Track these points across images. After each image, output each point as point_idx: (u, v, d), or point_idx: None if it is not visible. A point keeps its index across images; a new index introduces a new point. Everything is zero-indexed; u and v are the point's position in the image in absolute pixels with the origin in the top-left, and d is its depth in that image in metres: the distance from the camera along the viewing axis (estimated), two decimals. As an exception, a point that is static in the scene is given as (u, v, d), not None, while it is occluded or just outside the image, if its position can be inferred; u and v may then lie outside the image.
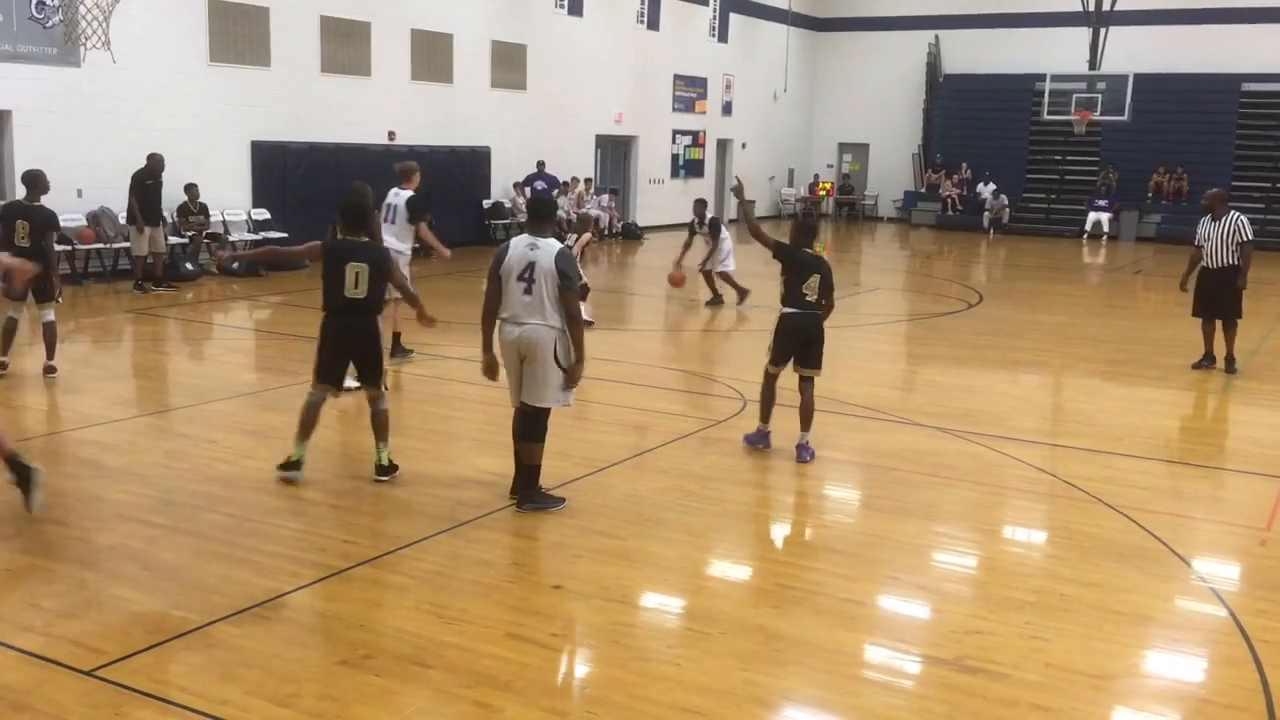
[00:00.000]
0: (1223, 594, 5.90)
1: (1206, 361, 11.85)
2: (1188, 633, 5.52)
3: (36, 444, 7.87)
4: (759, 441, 8.23)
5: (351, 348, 7.08)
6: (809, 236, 8.17)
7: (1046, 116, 28.97)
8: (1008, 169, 31.29)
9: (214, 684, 4.54)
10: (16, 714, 4.26)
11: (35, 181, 9.81)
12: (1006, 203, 30.54)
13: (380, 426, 7.17)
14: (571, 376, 6.50)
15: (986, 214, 30.44)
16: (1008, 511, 7.43)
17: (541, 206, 6.77)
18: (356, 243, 7.11)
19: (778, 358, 8.14)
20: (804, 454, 8.02)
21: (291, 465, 7.10)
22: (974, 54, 32.49)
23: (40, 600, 5.35)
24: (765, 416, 8.25)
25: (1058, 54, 29.79)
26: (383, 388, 7.18)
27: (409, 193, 10.32)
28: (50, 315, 9.71)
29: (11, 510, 6.62)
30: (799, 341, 8.05)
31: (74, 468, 7.37)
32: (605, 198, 25.89)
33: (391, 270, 7.18)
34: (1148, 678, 5.11)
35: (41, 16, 14.85)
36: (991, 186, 30.78)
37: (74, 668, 4.62)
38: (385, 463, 7.19)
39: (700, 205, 15.39)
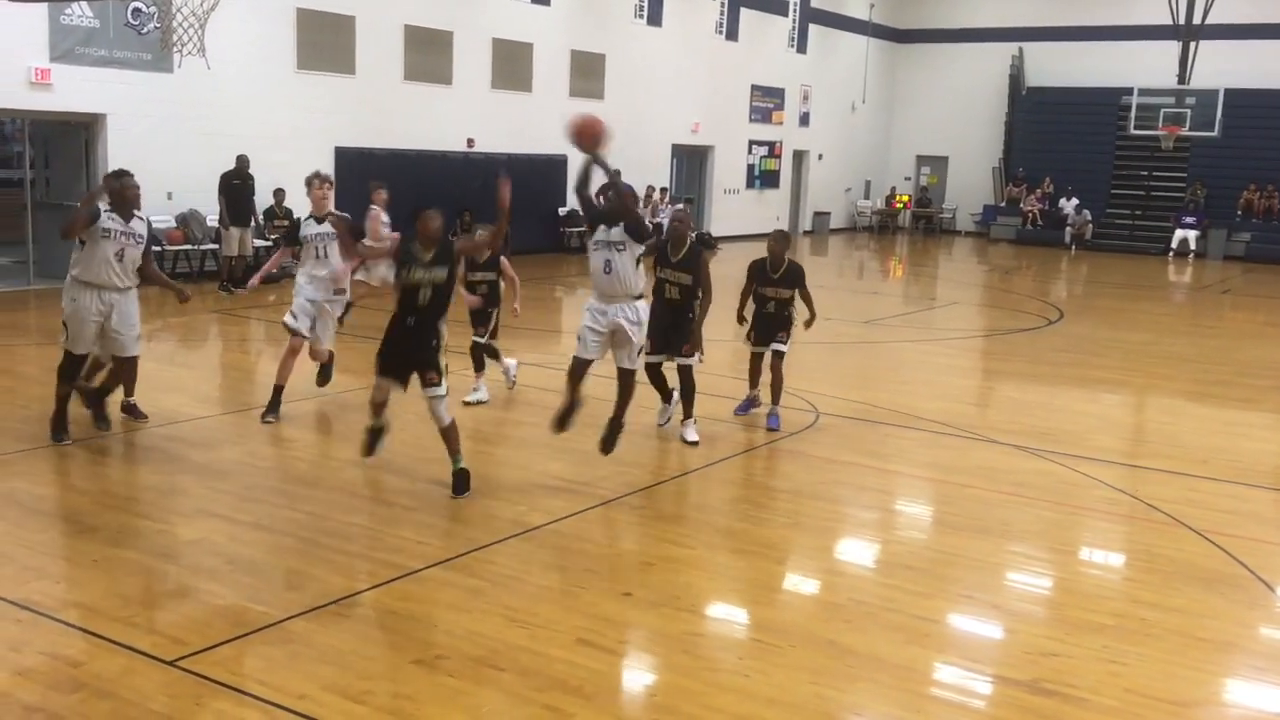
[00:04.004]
0: (1311, 624, 5.73)
1: (1300, 385, 11.50)
2: (1272, 661, 5.37)
3: (123, 438, 8.10)
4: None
5: None
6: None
7: (1133, 131, 28.39)
8: (1091, 184, 30.71)
9: (291, 678, 4.63)
10: (102, 701, 4.38)
11: None
12: (1090, 218, 29.97)
13: None
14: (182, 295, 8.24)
15: (1069, 229, 29.90)
16: (1086, 532, 7.29)
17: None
18: None
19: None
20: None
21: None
22: (1059, 66, 31.97)
23: (126, 591, 5.50)
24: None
25: (1146, 67, 29.22)
26: None
27: None
28: None
29: (98, 503, 6.83)
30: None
31: (159, 463, 7.56)
32: (680, 206, 25.92)
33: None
34: (1230, 706, 4.98)
35: (137, 23, 15.32)
36: (1074, 201, 30.23)
37: (157, 657, 4.74)
38: None
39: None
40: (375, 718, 4.34)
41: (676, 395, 8.79)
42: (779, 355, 9.04)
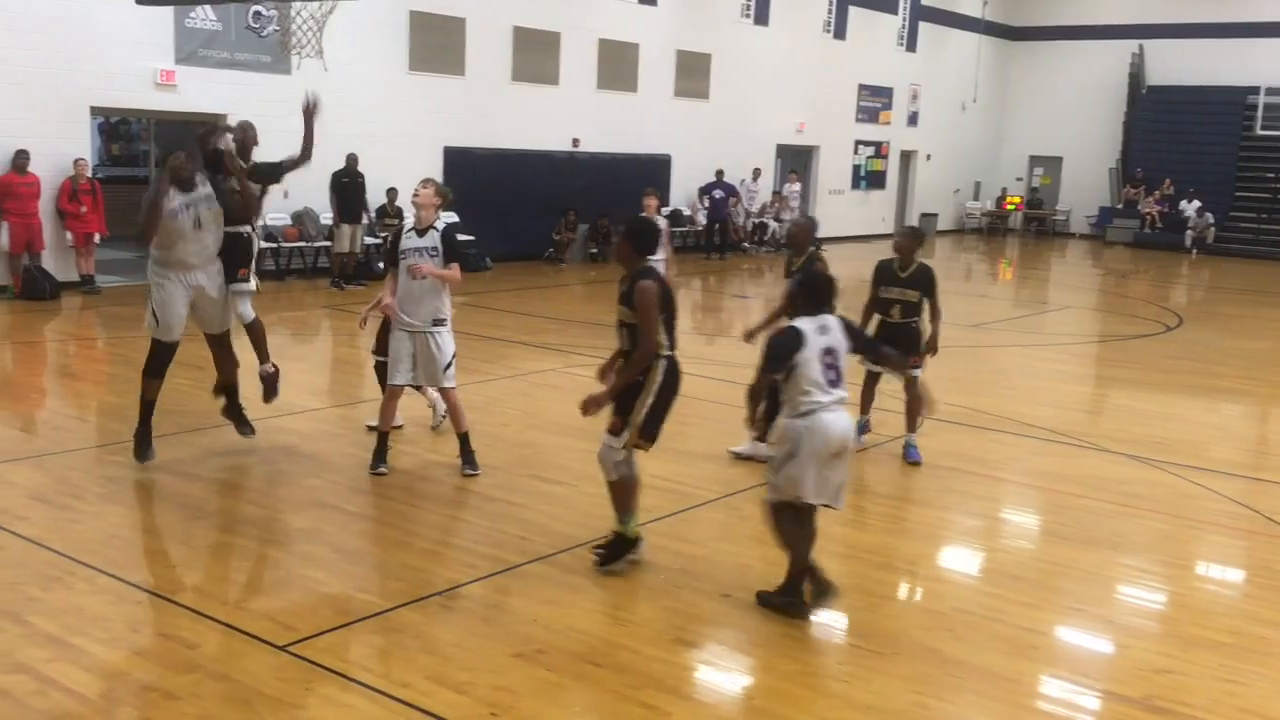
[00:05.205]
0: None
1: None
2: (1405, 689, 5.11)
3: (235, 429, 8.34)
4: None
5: None
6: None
7: (1260, 131, 27.32)
8: (1214, 185, 29.56)
9: (395, 667, 4.73)
10: (216, 683, 4.53)
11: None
12: (1212, 221, 28.88)
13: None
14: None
15: (1189, 232, 28.86)
16: (1202, 546, 7.03)
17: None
18: None
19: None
20: None
21: None
22: (1181, 64, 30.88)
23: (239, 576, 5.69)
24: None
25: (1273, 66, 28.10)
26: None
27: None
28: None
29: (212, 490, 7.06)
30: None
31: (271, 453, 7.77)
32: (789, 183, 25.65)
33: None
34: (1357, 734, 4.76)
35: (257, 26, 15.79)
36: (1196, 204, 29.16)
37: (268, 641, 4.89)
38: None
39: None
40: (475, 709, 4.40)
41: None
42: (912, 379, 8.14)
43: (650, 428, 5.65)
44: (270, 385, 7.86)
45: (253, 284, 7.71)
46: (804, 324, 5.37)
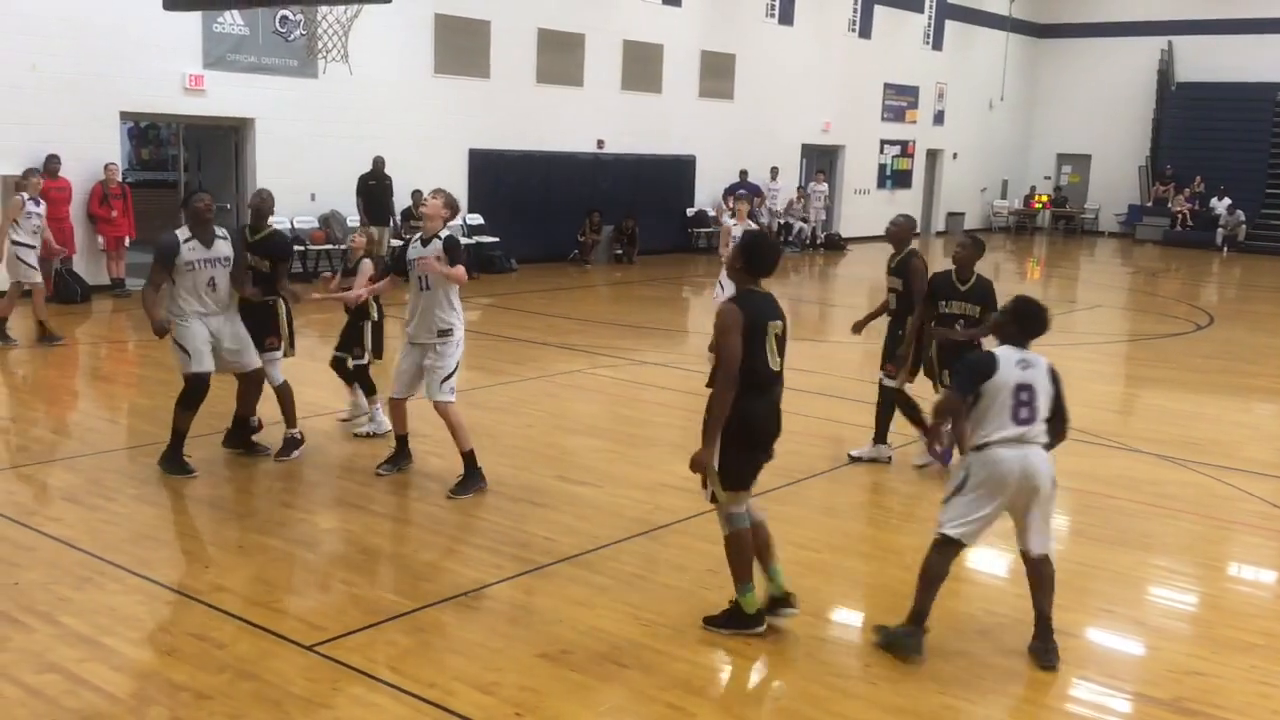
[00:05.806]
0: None
1: None
2: None
3: (267, 430, 8.40)
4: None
5: None
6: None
7: (1291, 127, 27.01)
8: (1246, 183, 29.25)
9: (422, 667, 4.74)
10: (245, 682, 4.56)
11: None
12: (1243, 219, 28.59)
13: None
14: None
15: (1220, 230, 28.59)
16: (1235, 547, 6.96)
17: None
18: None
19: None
20: None
21: None
22: (1211, 61, 30.57)
23: (268, 576, 5.72)
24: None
25: (1305, 61, 27.77)
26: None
27: None
28: None
29: (241, 491, 7.11)
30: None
31: (300, 453, 7.81)
32: (815, 183, 25.59)
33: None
34: (1394, 737, 4.69)
35: (284, 30, 15.90)
36: (1226, 201, 28.87)
37: (297, 642, 4.92)
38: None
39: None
40: (501, 709, 4.41)
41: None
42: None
43: (733, 477, 5.03)
44: (289, 447, 7.70)
45: (280, 352, 7.78)
46: (1004, 353, 4.94)
